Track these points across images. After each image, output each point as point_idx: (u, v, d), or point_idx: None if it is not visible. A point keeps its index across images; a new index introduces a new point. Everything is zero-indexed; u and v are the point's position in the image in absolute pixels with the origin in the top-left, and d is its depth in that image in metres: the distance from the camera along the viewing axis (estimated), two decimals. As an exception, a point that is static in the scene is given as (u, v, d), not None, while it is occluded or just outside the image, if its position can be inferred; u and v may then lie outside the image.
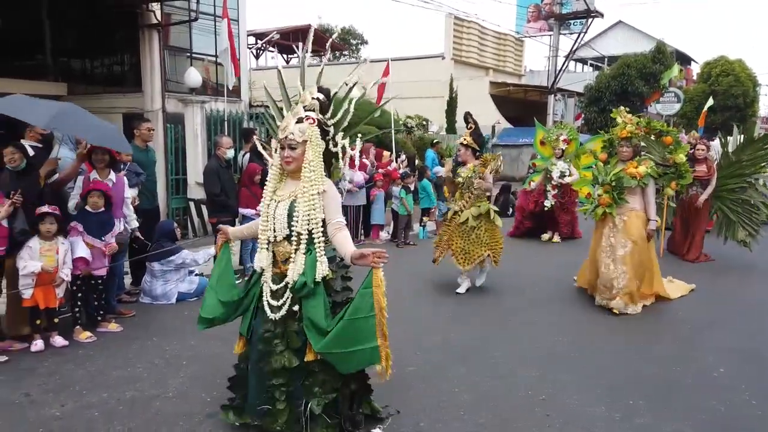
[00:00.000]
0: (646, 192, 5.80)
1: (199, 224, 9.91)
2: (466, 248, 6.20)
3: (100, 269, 4.97)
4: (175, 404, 3.70)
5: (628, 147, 5.84)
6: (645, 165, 5.75)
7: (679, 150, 6.25)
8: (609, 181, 5.81)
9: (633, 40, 36.28)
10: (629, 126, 5.86)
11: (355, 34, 36.40)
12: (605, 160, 6.09)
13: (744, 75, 30.71)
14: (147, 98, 9.84)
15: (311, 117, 3.09)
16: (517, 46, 25.30)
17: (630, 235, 5.72)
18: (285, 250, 3.09)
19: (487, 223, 6.25)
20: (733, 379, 4.20)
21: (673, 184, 6.34)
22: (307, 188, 3.01)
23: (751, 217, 8.04)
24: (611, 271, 5.70)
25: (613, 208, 5.81)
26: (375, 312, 2.92)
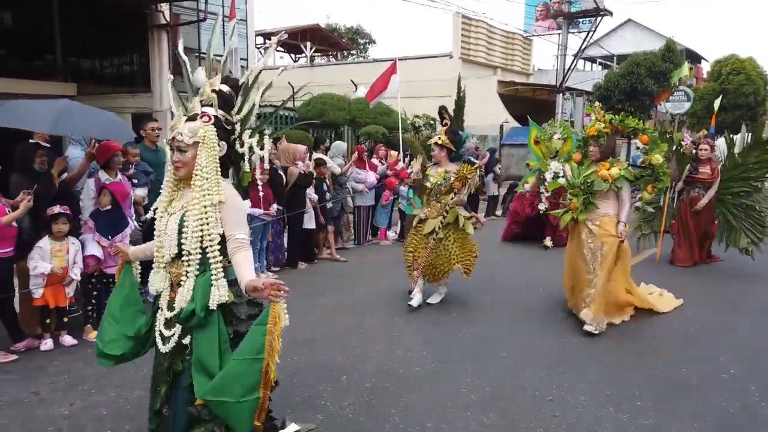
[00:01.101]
0: (621, 196, 5.32)
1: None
2: (433, 263, 5.60)
3: (111, 267, 4.99)
4: (183, 403, 3.70)
5: (595, 146, 5.41)
6: (618, 167, 5.28)
7: (655, 150, 5.59)
8: (579, 184, 5.40)
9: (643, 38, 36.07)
10: (598, 124, 5.42)
11: (363, 33, 36.43)
12: (579, 160, 5.67)
13: (755, 73, 30.45)
14: (156, 98, 9.91)
15: (207, 114, 2.61)
16: (525, 44, 25.20)
17: (605, 240, 5.31)
18: (178, 271, 2.61)
19: (457, 233, 5.65)
20: (743, 379, 4.16)
21: (650, 187, 5.65)
22: (198, 199, 2.53)
23: (755, 223, 7.63)
24: (591, 278, 5.30)
25: (582, 214, 5.37)
26: (264, 355, 2.32)
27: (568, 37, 21.12)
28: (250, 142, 2.72)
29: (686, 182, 7.82)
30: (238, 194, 2.68)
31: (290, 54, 28.10)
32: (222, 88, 2.69)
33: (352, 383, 4.04)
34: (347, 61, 30.17)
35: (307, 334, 4.99)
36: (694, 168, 7.72)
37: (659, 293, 6.12)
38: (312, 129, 12.50)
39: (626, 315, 5.56)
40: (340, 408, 3.67)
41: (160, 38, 9.79)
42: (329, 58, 29.75)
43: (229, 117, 2.69)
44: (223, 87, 2.69)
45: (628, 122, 5.48)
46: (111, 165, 5.12)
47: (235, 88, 2.75)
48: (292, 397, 3.81)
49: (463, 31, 21.43)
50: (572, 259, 5.58)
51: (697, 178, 7.72)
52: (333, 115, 12.45)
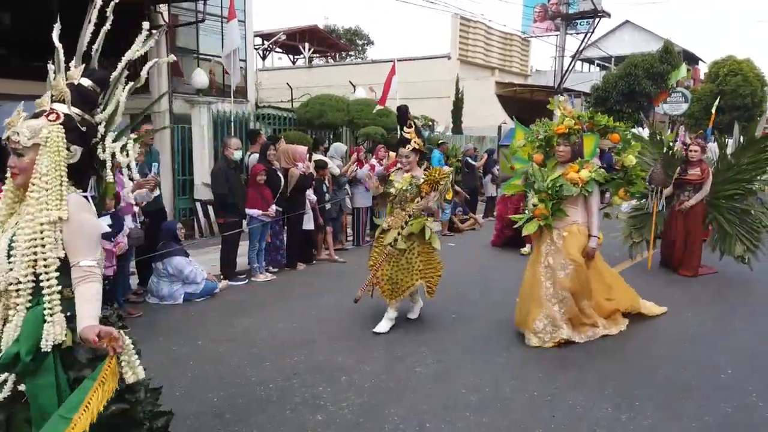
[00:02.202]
0: (589, 204, 4.84)
1: (205, 225, 9.95)
2: (394, 277, 5.05)
3: (107, 269, 5.00)
4: (182, 404, 3.70)
5: (566, 146, 4.82)
6: (587, 169, 4.76)
7: (628, 150, 5.06)
8: (546, 189, 4.82)
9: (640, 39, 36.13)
10: (567, 120, 4.83)
11: (361, 34, 36.44)
12: (541, 162, 5.05)
13: (752, 75, 30.52)
14: (154, 99, 9.88)
15: (55, 111, 2.18)
16: (523, 46, 25.24)
17: (570, 254, 4.75)
18: (8, 303, 2.12)
19: (421, 245, 5.09)
20: (741, 380, 4.17)
21: (622, 191, 5.11)
22: (32, 214, 2.08)
23: (750, 229, 7.12)
24: (550, 297, 4.80)
25: (549, 221, 4.83)
26: (73, 415, 1.88)
27: (566, 38, 21.16)
28: (113, 148, 2.30)
29: (675, 185, 7.41)
30: (89, 210, 2.22)
31: (288, 55, 28.11)
32: (82, 81, 2.29)
33: (352, 384, 4.04)
34: (345, 62, 30.19)
35: (306, 335, 5.00)
36: (683, 170, 7.34)
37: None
38: (311, 130, 12.50)
39: (622, 324, 5.20)
40: (339, 408, 3.67)
41: (158, 39, 9.79)
42: (327, 59, 29.76)
43: (89, 117, 2.29)
44: (84, 81, 2.29)
45: (598, 119, 5.05)
46: None
47: (102, 83, 2.36)
48: (292, 397, 3.81)
49: (461, 33, 21.46)
50: (529, 271, 5.07)
51: (686, 179, 7.32)
52: (331, 116, 12.45)
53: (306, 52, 26.31)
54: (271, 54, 26.98)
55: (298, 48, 26.28)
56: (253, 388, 3.93)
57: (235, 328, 5.24)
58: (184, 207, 10.10)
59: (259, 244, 7.06)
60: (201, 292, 6.13)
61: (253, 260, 7.04)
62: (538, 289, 4.85)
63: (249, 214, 6.95)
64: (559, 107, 5.10)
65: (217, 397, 3.80)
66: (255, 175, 6.93)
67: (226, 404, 3.70)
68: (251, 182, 7.06)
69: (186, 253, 6.29)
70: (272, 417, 3.55)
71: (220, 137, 10.20)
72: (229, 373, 4.12)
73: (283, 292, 6.52)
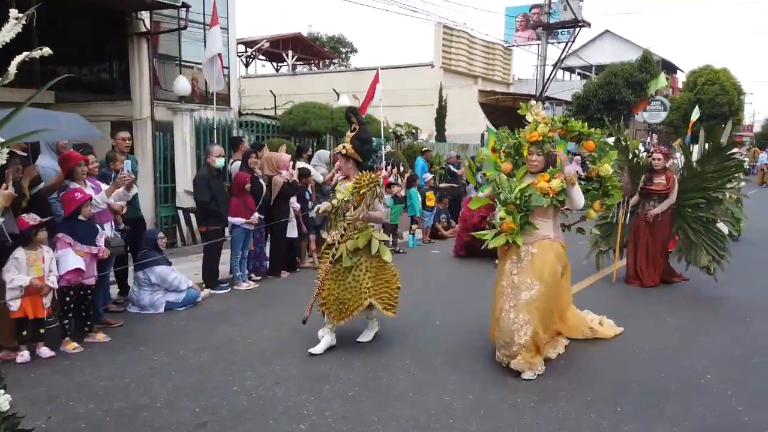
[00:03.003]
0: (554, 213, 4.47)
1: (187, 233, 9.86)
2: (340, 296, 4.66)
3: (89, 278, 4.93)
4: (164, 415, 3.67)
5: (539, 155, 4.39)
6: (559, 178, 4.34)
7: (603, 159, 4.59)
8: (514, 200, 4.36)
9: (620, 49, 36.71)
10: (541, 127, 4.42)
11: (345, 42, 36.54)
12: (509, 171, 4.60)
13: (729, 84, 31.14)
14: (136, 106, 9.80)
15: None
16: (505, 55, 25.48)
17: (538, 273, 4.29)
18: None
19: (370, 260, 4.71)
20: (720, 385, 4.23)
21: (597, 204, 4.68)
22: None
23: (716, 239, 6.92)
24: (511, 321, 4.27)
25: (518, 236, 4.36)
26: None
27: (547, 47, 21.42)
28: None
29: (641, 194, 7.13)
30: None
31: (272, 62, 28.08)
32: None
33: (336, 392, 4.02)
34: (329, 69, 30.21)
35: (289, 344, 4.97)
36: (648, 179, 7.02)
37: (599, 321, 5.33)
38: (294, 137, 12.48)
39: (560, 347, 4.80)
40: (323, 417, 3.65)
41: (140, 46, 9.71)
42: (311, 67, 29.77)
43: None
44: None
45: (572, 125, 4.58)
46: (74, 176, 5.04)
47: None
48: (275, 407, 3.78)
49: (444, 41, 21.63)
50: (496, 289, 4.65)
51: (651, 189, 7.00)
52: (315, 124, 12.45)
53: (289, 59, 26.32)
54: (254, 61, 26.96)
55: (282, 55, 26.27)
56: (236, 398, 3.89)
57: (218, 336, 5.20)
58: (166, 215, 10.00)
59: (242, 252, 7.02)
60: (183, 301, 6.06)
61: (236, 268, 6.99)
62: (498, 310, 4.46)
63: (231, 223, 6.91)
64: (532, 112, 4.57)
65: (199, 408, 3.76)
66: (239, 183, 6.89)
67: (208, 414, 3.67)
68: (234, 190, 7.02)
69: (168, 262, 6.23)
70: (255, 427, 3.52)
71: (203, 144, 10.16)
72: (212, 382, 4.07)
73: (266, 300, 6.48)
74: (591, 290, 6.96)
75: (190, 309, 6.05)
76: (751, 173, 31.53)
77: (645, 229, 7.11)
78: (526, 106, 4.63)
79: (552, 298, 4.43)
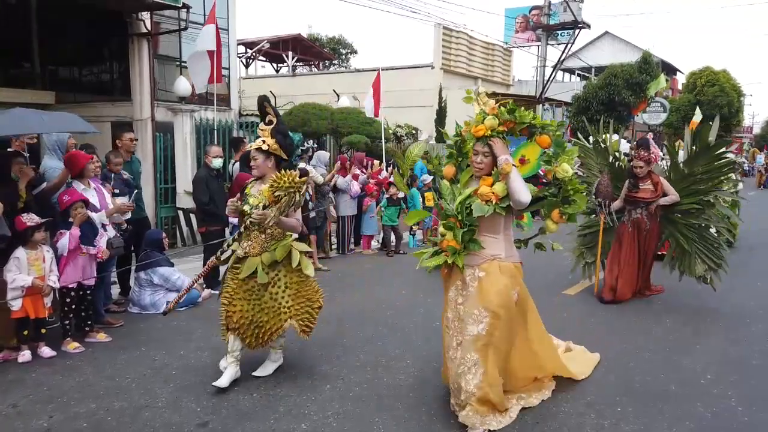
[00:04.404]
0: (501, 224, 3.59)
1: (188, 233, 9.88)
2: (256, 319, 3.99)
3: (89, 279, 4.94)
4: (165, 415, 3.68)
5: (486, 155, 3.52)
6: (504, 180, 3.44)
7: (561, 157, 3.58)
8: (455, 212, 3.54)
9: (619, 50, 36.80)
10: (489, 119, 3.52)
11: (345, 43, 36.55)
12: (453, 175, 3.77)
13: (729, 85, 31.24)
14: (136, 107, 9.81)
15: None
16: (505, 56, 25.51)
17: (486, 302, 3.46)
18: None
19: (290, 275, 4.07)
20: (720, 386, 4.24)
21: (556, 213, 3.63)
22: None
23: (711, 246, 6.33)
24: (458, 362, 3.50)
25: (459, 257, 3.56)
26: None
27: (547, 48, 21.46)
28: None
29: (627, 201, 6.46)
30: None
31: (272, 63, 28.10)
32: None
33: (336, 393, 4.03)
34: (329, 70, 30.24)
35: (289, 343, 4.97)
36: (633, 185, 6.37)
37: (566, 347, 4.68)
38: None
39: (547, 390, 3.98)
40: (324, 417, 3.66)
41: (140, 47, 9.72)
42: (311, 68, 29.79)
43: None
44: None
45: (522, 115, 3.60)
46: (84, 174, 5.07)
47: None
48: (276, 407, 3.79)
49: (444, 42, 21.64)
50: (442, 322, 3.82)
51: (637, 197, 6.34)
52: (315, 125, 12.48)
53: (289, 60, 26.34)
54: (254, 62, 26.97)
55: (282, 56, 26.30)
56: (237, 398, 3.90)
57: (218, 337, 5.18)
58: (167, 215, 10.02)
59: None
60: (184, 302, 6.05)
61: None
62: (445, 346, 3.71)
63: (231, 223, 6.91)
64: (479, 101, 3.67)
65: (201, 407, 3.77)
66: (241, 184, 6.88)
67: (209, 414, 3.68)
68: (235, 190, 7.01)
69: (170, 263, 6.24)
70: (256, 427, 3.53)
71: (203, 145, 10.17)
72: (213, 382, 4.08)
73: (266, 300, 6.48)
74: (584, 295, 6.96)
75: (190, 309, 6.05)
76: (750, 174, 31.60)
77: (630, 238, 6.45)
78: (471, 94, 3.74)
79: (507, 333, 3.56)
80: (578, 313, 6.04)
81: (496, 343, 3.48)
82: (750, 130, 57.80)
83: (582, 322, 5.78)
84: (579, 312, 6.09)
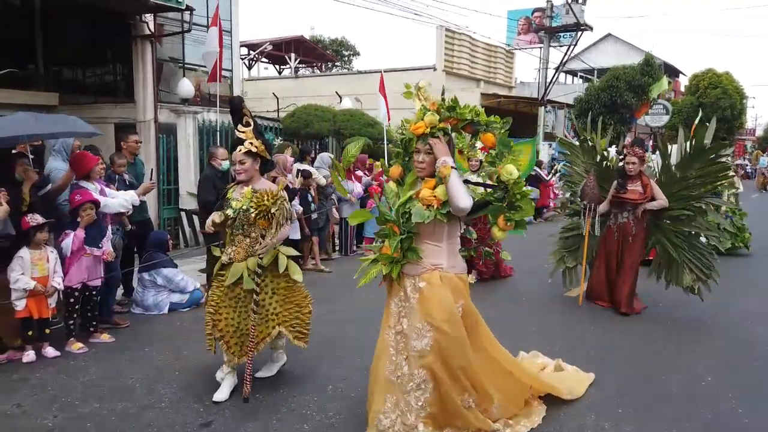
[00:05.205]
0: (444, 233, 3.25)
1: (190, 234, 9.91)
2: (242, 327, 3.89)
3: (94, 280, 4.97)
4: (168, 415, 3.70)
5: (428, 153, 3.21)
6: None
7: (506, 158, 3.24)
8: (396, 218, 3.26)
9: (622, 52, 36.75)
10: (429, 115, 3.22)
11: (348, 45, 36.60)
12: (399, 176, 3.44)
13: (731, 87, 31.23)
14: (139, 108, 9.85)
15: None
16: (507, 58, 25.50)
17: (428, 315, 3.18)
18: None
19: (276, 280, 3.95)
20: (721, 387, 4.25)
21: (501, 220, 3.23)
22: None
23: (701, 255, 5.94)
24: (406, 378, 3.22)
25: (394, 267, 3.27)
26: None
27: (549, 50, 21.47)
28: None
29: (613, 203, 6.17)
30: None
31: (275, 65, 28.14)
32: None
33: (338, 393, 4.05)
34: (332, 72, 30.29)
35: (290, 345, 4.98)
36: (620, 185, 6.06)
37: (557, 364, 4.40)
38: (297, 140, 12.53)
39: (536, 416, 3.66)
40: (326, 418, 3.68)
41: (144, 49, 9.76)
42: (313, 70, 29.84)
43: None
44: None
45: (462, 111, 3.30)
46: (92, 175, 5.11)
47: None
48: (278, 407, 3.81)
49: (446, 44, 21.64)
50: (380, 336, 3.42)
51: (625, 198, 6.02)
52: (318, 126, 12.51)
53: (292, 62, 26.37)
54: (257, 64, 27.02)
55: (285, 58, 26.33)
56: (240, 398, 3.92)
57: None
58: (169, 216, 10.05)
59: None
60: (186, 302, 6.10)
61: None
62: (384, 363, 3.32)
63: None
64: (419, 96, 3.32)
65: (203, 408, 3.79)
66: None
67: (212, 414, 3.70)
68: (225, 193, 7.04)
69: (174, 264, 6.27)
70: (259, 427, 3.55)
71: (206, 147, 10.20)
72: (216, 383, 4.10)
73: (269, 302, 6.50)
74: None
75: (193, 310, 6.08)
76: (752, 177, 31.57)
77: (616, 245, 6.18)
78: (411, 88, 3.35)
79: (457, 349, 3.22)
80: (577, 316, 6.05)
81: (444, 359, 3.17)
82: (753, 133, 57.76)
83: (581, 324, 5.80)
84: (578, 314, 6.10)
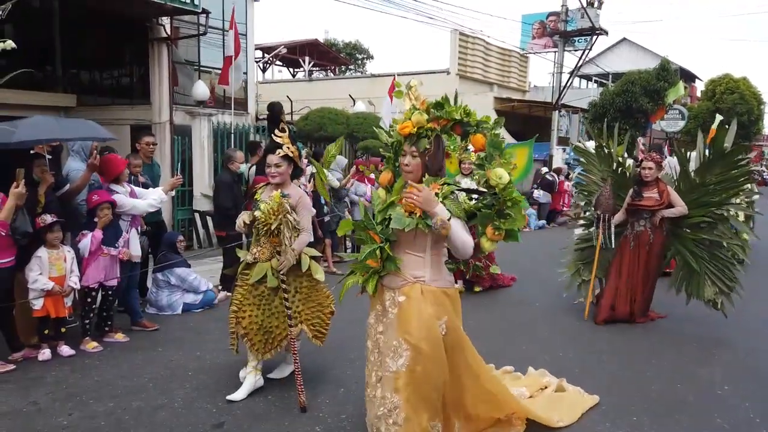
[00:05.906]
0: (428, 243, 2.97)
1: (204, 236, 9.98)
2: (266, 324, 3.93)
3: (111, 280, 5.01)
4: (181, 414, 3.72)
5: (413, 155, 2.95)
6: (435, 188, 2.90)
7: (495, 161, 2.97)
8: (373, 224, 3.01)
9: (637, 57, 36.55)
10: (417, 114, 2.97)
11: (361, 48, 36.70)
12: (389, 182, 3.15)
13: (749, 93, 30.91)
14: (155, 110, 9.96)
15: None
16: (521, 62, 25.43)
17: (406, 332, 2.91)
18: None
19: (299, 279, 4.01)
20: (738, 396, 4.20)
21: (489, 229, 2.94)
22: None
23: (723, 266, 5.63)
24: (378, 402, 3.00)
25: (370, 279, 3.07)
26: None
27: (564, 55, 21.36)
28: None
29: (628, 211, 5.91)
30: None
31: (289, 68, 28.28)
32: None
33: (350, 395, 4.05)
34: (345, 75, 30.37)
35: (304, 346, 4.99)
36: (636, 192, 5.81)
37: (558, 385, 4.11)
38: (310, 143, 12.58)
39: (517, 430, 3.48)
40: (338, 420, 3.69)
41: (160, 51, 9.88)
42: (327, 73, 29.94)
43: None
44: None
45: (450, 110, 3.03)
46: (122, 178, 5.19)
47: None
48: (290, 409, 3.82)
49: (460, 48, 21.64)
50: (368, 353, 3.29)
51: (640, 205, 5.76)
52: (331, 129, 12.56)
53: (306, 65, 26.48)
54: (271, 67, 27.15)
55: (299, 61, 26.44)
56: (252, 399, 3.93)
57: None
58: (183, 218, 10.13)
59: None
60: (200, 302, 6.14)
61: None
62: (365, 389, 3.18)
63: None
64: (410, 95, 3.10)
65: (216, 408, 3.81)
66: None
67: (225, 415, 3.71)
68: (250, 194, 7.07)
69: (187, 264, 6.32)
70: (271, 428, 3.56)
71: (220, 149, 10.27)
72: (228, 383, 4.12)
73: (281, 303, 6.52)
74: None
75: (207, 311, 6.12)
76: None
77: (632, 255, 5.89)
78: (402, 87, 3.15)
79: (435, 371, 2.94)
80: (589, 323, 5.99)
81: (419, 382, 2.87)
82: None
83: (595, 330, 5.76)
84: (591, 322, 6.05)
